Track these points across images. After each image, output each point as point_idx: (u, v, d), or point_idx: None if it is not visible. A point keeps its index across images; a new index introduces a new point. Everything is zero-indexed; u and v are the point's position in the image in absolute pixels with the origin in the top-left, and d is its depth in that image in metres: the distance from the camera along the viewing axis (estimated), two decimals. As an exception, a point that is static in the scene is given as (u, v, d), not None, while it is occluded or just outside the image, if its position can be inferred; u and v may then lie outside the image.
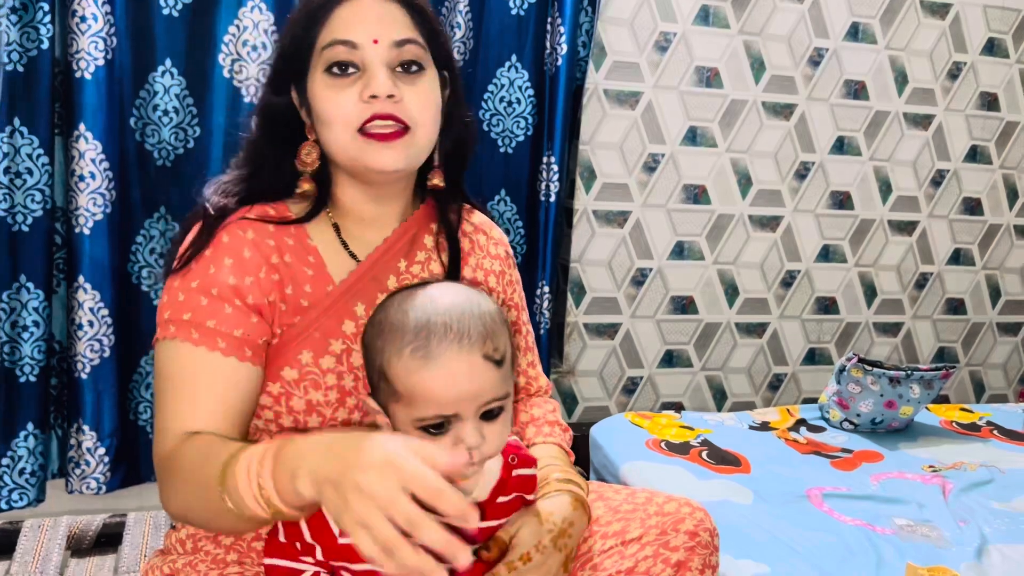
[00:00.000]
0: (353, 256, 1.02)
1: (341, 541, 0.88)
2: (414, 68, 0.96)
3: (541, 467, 1.02)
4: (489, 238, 1.15)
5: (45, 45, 1.76)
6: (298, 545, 0.90)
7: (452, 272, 1.07)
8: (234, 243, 0.96)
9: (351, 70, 0.94)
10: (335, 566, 0.91)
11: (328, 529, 0.88)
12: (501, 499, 0.95)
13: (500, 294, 1.13)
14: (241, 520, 0.80)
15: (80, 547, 1.88)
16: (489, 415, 0.87)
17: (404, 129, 0.94)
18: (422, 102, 0.96)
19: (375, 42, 0.93)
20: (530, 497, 0.99)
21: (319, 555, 0.89)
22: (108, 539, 1.91)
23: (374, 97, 0.92)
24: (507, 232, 2.22)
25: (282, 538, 0.91)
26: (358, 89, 0.93)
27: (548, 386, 1.22)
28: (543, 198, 2.21)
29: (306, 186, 1.00)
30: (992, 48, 2.64)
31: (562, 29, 2.11)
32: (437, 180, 1.05)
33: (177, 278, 0.95)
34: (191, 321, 0.92)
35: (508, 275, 1.15)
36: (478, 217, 1.16)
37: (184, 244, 0.98)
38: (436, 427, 0.85)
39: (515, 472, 0.96)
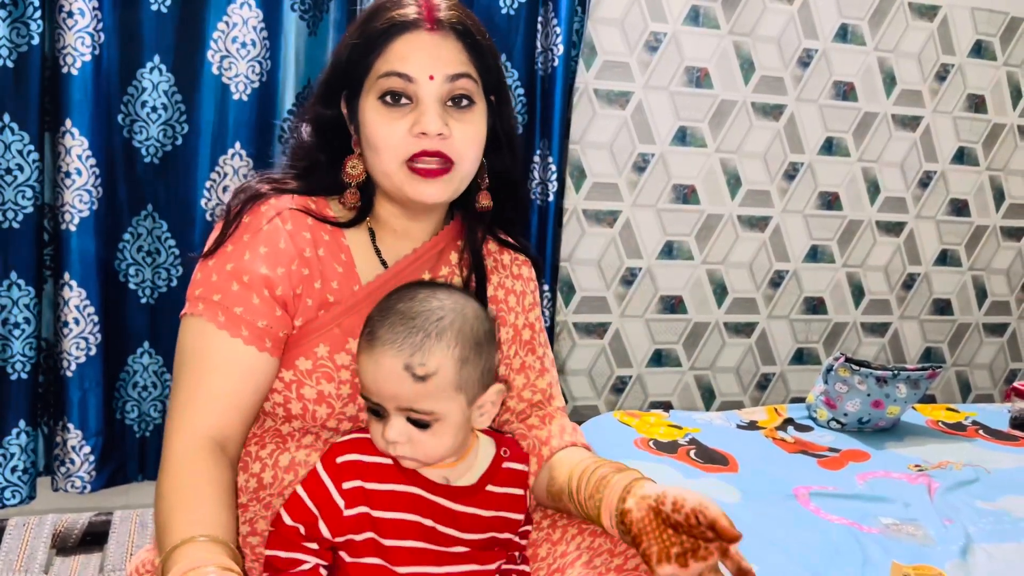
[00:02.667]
0: (384, 263, 1.05)
1: (347, 513, 0.91)
2: (464, 103, 0.98)
3: (588, 472, 0.99)
4: (514, 258, 1.15)
5: (35, 41, 1.75)
6: (302, 529, 0.92)
7: (477, 290, 1.09)
8: (272, 232, 0.98)
9: (404, 101, 0.96)
10: (338, 543, 0.93)
11: (333, 504, 0.92)
12: (491, 488, 0.97)
13: (520, 314, 1.13)
14: None
15: (65, 545, 1.87)
16: (418, 423, 0.90)
17: (448, 166, 0.97)
18: (468, 138, 0.98)
19: (431, 78, 0.95)
20: (520, 492, 1.00)
21: (324, 530, 0.92)
22: (94, 537, 1.89)
23: (424, 134, 0.95)
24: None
25: (287, 520, 0.92)
26: (409, 122, 0.96)
27: (564, 406, 1.19)
28: (536, 198, 2.21)
29: (352, 199, 1.03)
30: (980, 50, 2.65)
31: (558, 29, 2.12)
32: (486, 202, 1.07)
33: (213, 258, 0.98)
34: (220, 303, 0.95)
35: (530, 296, 1.16)
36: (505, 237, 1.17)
37: (224, 226, 1.00)
38: (374, 411, 0.92)
39: (505, 465, 1.00)
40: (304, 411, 0.98)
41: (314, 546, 0.92)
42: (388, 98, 0.96)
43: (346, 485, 0.92)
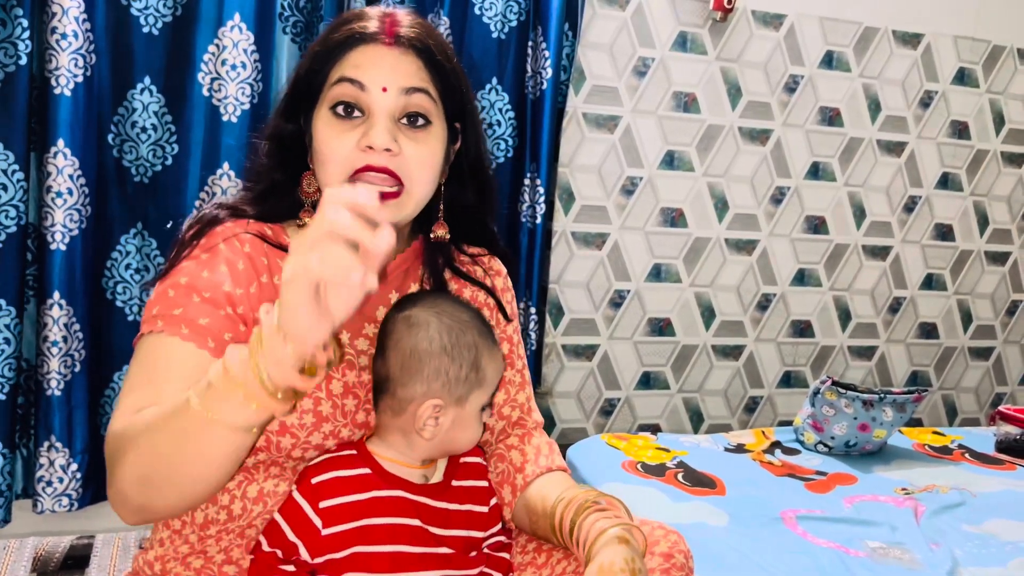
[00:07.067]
0: None
1: (324, 532, 0.92)
2: (420, 122, 0.94)
3: (569, 502, 0.98)
4: (488, 269, 1.14)
5: (23, 61, 1.75)
6: (279, 553, 0.92)
7: None
8: (231, 253, 0.95)
9: (356, 113, 0.93)
10: (317, 563, 0.93)
11: (310, 525, 0.92)
12: (456, 483, 1.01)
13: (494, 327, 1.11)
14: (223, 434, 0.77)
15: (47, 569, 1.85)
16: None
17: (398, 189, 0.93)
18: (421, 159, 0.94)
19: (384, 90, 0.92)
20: (483, 484, 1.05)
21: (303, 554, 0.92)
22: (75, 561, 1.88)
23: (370, 147, 0.92)
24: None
25: (266, 546, 0.93)
26: (358, 135, 0.93)
27: (541, 423, 1.17)
28: (525, 220, 2.22)
29: (306, 219, 0.99)
30: (963, 78, 2.69)
31: (547, 53, 2.14)
32: (441, 232, 1.04)
33: (169, 278, 0.94)
34: (182, 317, 0.90)
35: (506, 308, 1.14)
36: (476, 248, 1.14)
37: (179, 247, 0.97)
38: (483, 408, 1.00)
39: (463, 459, 1.03)
40: (268, 443, 0.95)
41: (291, 568, 0.92)
42: (340, 109, 0.93)
43: (323, 504, 0.92)
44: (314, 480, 0.93)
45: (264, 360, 0.73)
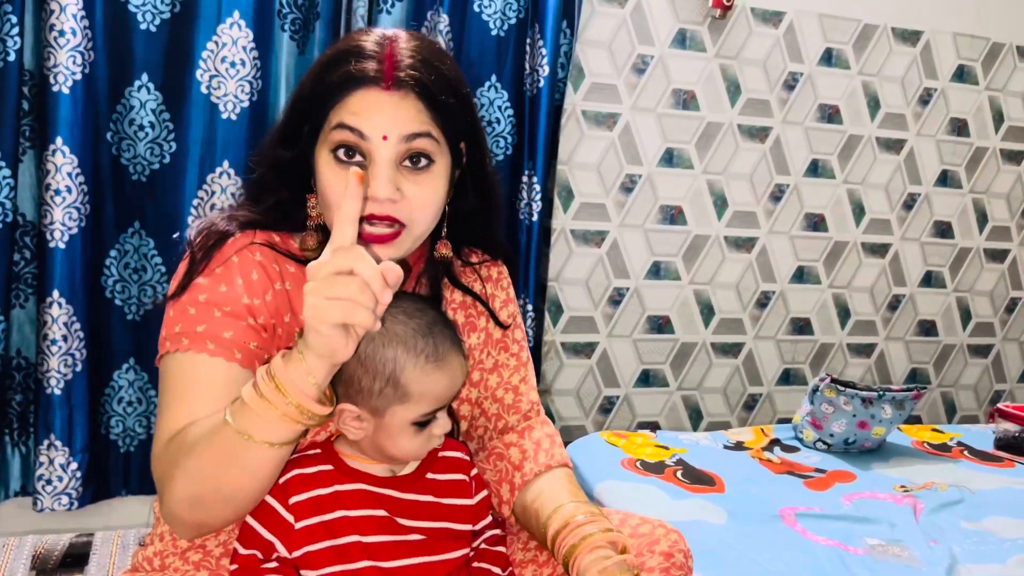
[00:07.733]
0: None
1: (298, 526, 0.93)
2: (423, 162, 0.94)
3: (564, 514, 0.99)
4: (482, 261, 1.15)
5: (12, 57, 1.75)
6: (259, 554, 0.93)
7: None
8: (244, 264, 0.96)
9: (357, 157, 0.93)
10: (295, 558, 0.93)
11: (283, 521, 0.93)
12: (431, 475, 1.01)
13: (489, 316, 1.14)
14: (263, 450, 0.83)
15: (46, 567, 1.85)
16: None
17: (397, 230, 0.94)
18: (424, 200, 0.94)
19: (384, 138, 0.91)
20: (463, 478, 1.04)
21: (280, 550, 0.93)
22: (74, 559, 1.88)
23: (373, 197, 0.92)
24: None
25: (242, 550, 0.93)
26: None
27: (537, 403, 1.18)
28: (523, 217, 2.22)
29: (311, 242, 1.00)
30: (962, 75, 2.69)
31: (544, 51, 2.14)
32: (445, 251, 1.05)
33: (186, 295, 0.95)
34: (206, 333, 0.92)
35: (502, 294, 1.16)
36: (476, 254, 1.15)
37: (191, 263, 0.97)
38: (424, 423, 0.96)
39: (441, 454, 1.03)
40: None
41: (274, 565, 0.93)
42: (341, 153, 0.92)
43: (293, 500, 0.94)
44: (281, 480, 0.94)
45: (286, 381, 0.81)
